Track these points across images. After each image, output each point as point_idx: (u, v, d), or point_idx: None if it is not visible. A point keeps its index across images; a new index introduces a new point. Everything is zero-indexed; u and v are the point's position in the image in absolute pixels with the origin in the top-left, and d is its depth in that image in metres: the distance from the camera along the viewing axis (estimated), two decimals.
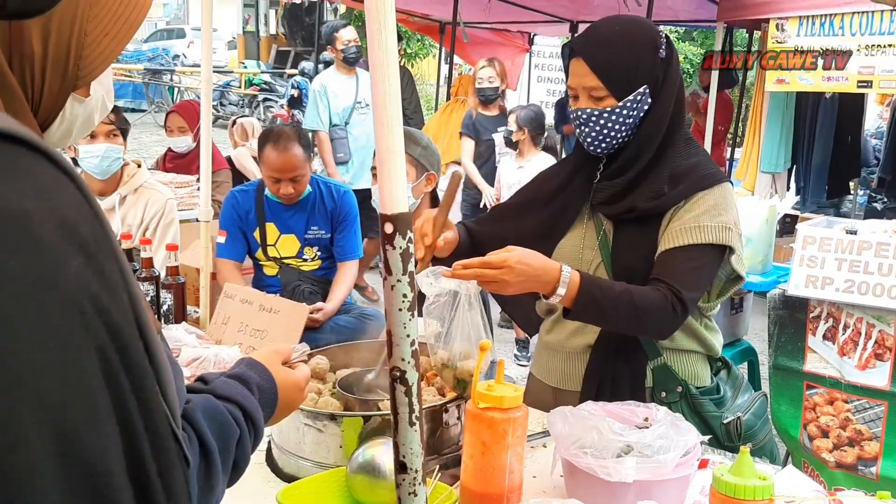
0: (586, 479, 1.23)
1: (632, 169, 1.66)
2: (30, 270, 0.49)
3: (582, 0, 6.48)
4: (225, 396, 0.99)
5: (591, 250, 1.72)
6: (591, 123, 1.64)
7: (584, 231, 1.74)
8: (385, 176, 0.96)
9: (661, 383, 1.69)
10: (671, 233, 1.61)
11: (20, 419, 0.47)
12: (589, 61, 1.62)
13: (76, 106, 0.81)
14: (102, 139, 3.07)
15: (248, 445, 0.99)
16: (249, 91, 15.85)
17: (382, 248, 0.97)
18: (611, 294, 1.53)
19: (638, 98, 1.62)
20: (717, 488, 1.08)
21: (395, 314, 0.98)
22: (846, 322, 3.00)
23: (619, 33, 1.64)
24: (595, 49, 1.63)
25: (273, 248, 3.08)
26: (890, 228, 3.05)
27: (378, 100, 0.95)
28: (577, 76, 1.65)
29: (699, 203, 1.62)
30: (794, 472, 1.40)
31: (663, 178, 1.65)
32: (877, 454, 2.97)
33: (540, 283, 1.49)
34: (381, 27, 0.93)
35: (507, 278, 1.44)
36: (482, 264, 1.44)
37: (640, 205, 1.64)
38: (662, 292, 1.55)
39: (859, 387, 2.97)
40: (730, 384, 1.76)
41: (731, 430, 1.68)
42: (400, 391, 1.00)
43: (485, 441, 1.18)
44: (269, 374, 1.09)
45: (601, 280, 1.60)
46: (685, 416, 1.64)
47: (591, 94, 1.63)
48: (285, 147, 2.90)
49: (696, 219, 1.60)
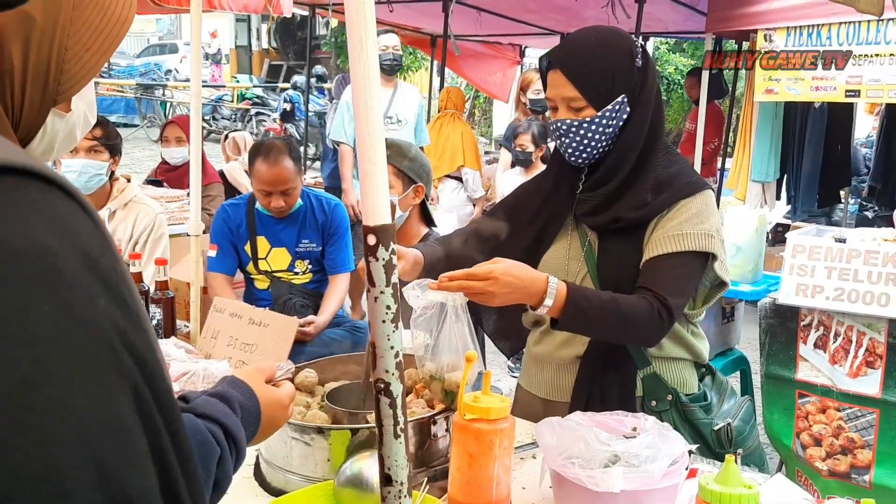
0: (574, 490, 1.23)
1: (614, 179, 1.67)
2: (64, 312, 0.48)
3: (572, 12, 6.52)
4: (205, 415, 0.98)
5: (576, 261, 1.72)
6: (572, 134, 1.65)
7: (569, 242, 1.75)
8: (368, 188, 0.96)
9: (651, 392, 1.70)
10: (655, 241, 1.63)
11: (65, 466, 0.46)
12: (566, 72, 1.63)
13: (57, 121, 0.81)
14: (83, 154, 3.07)
15: (230, 465, 0.98)
16: (242, 105, 15.89)
17: (366, 259, 0.97)
18: (597, 303, 1.54)
19: (616, 107, 1.63)
20: (703, 497, 1.08)
21: (378, 326, 0.98)
22: (837, 330, 3.01)
23: (594, 43, 1.65)
24: (572, 60, 1.64)
25: (264, 261, 3.08)
26: (879, 236, 3.06)
27: (359, 111, 0.95)
28: (555, 87, 1.66)
29: (682, 211, 1.63)
30: (783, 481, 1.40)
31: (646, 188, 1.66)
32: (869, 462, 2.97)
33: (527, 294, 1.50)
34: (363, 39, 0.93)
35: (492, 290, 1.44)
36: (468, 276, 1.45)
37: (624, 215, 1.65)
38: (648, 300, 1.55)
39: (851, 395, 2.97)
40: (715, 390, 1.77)
41: (721, 437, 1.69)
42: (384, 403, 1.00)
43: (472, 452, 1.17)
44: (252, 393, 1.08)
45: (588, 290, 1.60)
46: (676, 425, 1.65)
47: (569, 105, 1.64)
48: (276, 160, 2.90)
49: (678, 226, 1.61)
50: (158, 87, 17.07)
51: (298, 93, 12.68)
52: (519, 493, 1.45)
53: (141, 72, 18.67)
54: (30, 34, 0.74)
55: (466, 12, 6.48)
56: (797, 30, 5.27)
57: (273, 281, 3.08)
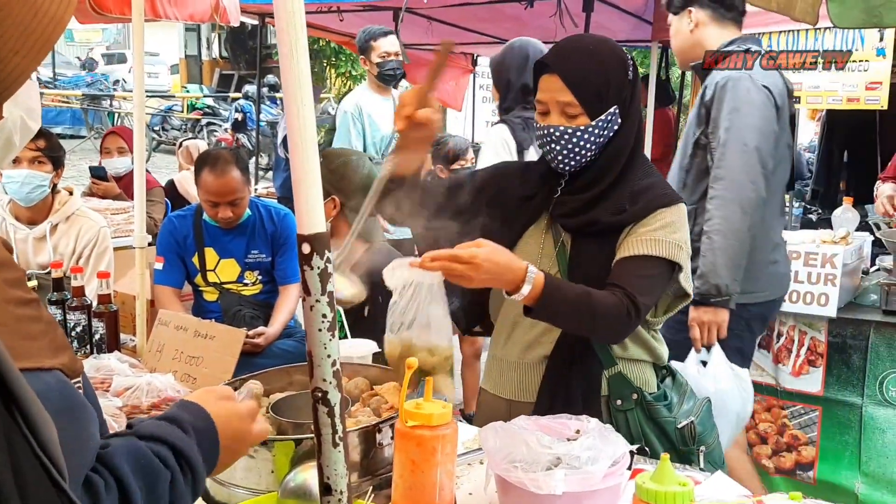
0: (518, 494, 1.24)
1: (596, 186, 1.70)
2: None
3: (522, 21, 6.59)
4: (149, 436, 0.94)
5: (548, 259, 1.74)
6: (563, 141, 1.65)
7: (542, 240, 1.76)
8: (301, 196, 0.96)
9: (616, 391, 1.71)
10: (629, 243, 1.66)
11: None
12: (564, 77, 1.63)
13: None
14: (26, 165, 3.00)
15: (184, 487, 0.94)
16: (192, 115, 15.67)
17: (301, 268, 0.97)
18: (571, 296, 1.57)
19: (609, 118, 1.65)
20: (639, 495, 1.10)
21: (315, 334, 0.97)
22: (780, 330, 3.08)
23: (592, 52, 1.66)
24: (570, 65, 1.64)
25: (213, 273, 3.04)
26: (818, 238, 3.16)
27: (292, 120, 0.95)
28: (551, 91, 1.66)
29: (657, 219, 1.67)
30: (722, 478, 1.43)
31: (625, 196, 1.69)
32: (813, 458, 3.05)
33: (504, 280, 1.51)
34: (293, 48, 0.93)
35: (472, 274, 1.46)
36: (451, 258, 1.45)
37: (602, 219, 1.68)
38: (619, 297, 1.58)
39: (794, 393, 3.05)
40: (675, 390, 1.80)
41: (685, 435, 1.72)
42: (322, 412, 0.99)
43: (414, 459, 1.17)
44: (203, 411, 1.03)
45: (563, 282, 1.63)
46: (641, 423, 1.68)
47: (564, 111, 1.65)
48: (223, 171, 2.87)
49: (652, 232, 1.65)
50: (106, 98, 16.75)
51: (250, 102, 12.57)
52: (465, 498, 1.45)
53: (87, 82, 18.30)
54: None
55: (417, 21, 6.50)
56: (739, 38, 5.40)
57: (222, 293, 3.04)
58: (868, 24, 3.13)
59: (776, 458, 3.13)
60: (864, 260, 3.28)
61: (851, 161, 7.11)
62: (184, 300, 3.11)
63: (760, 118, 2.44)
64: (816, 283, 2.93)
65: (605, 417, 1.71)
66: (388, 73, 4.31)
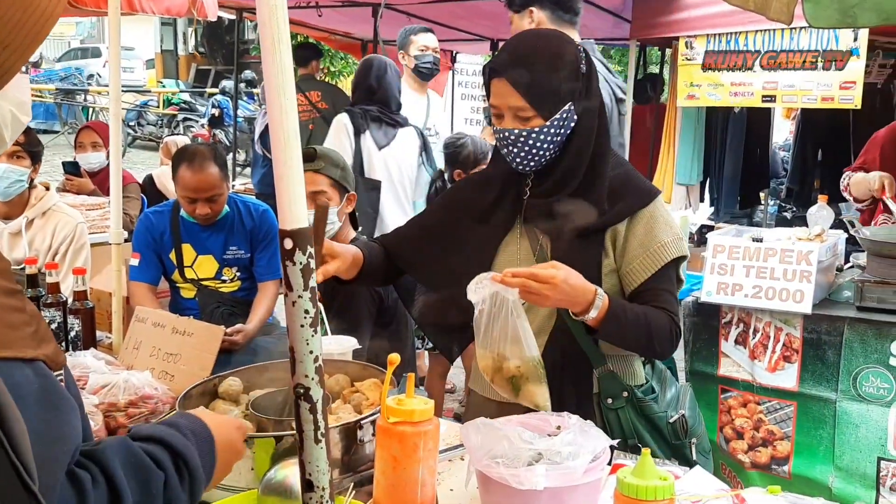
0: (499, 489, 1.24)
1: (567, 185, 1.68)
2: None
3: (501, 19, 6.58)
4: (145, 436, 0.94)
5: (527, 265, 1.70)
6: (520, 144, 1.64)
7: (518, 247, 1.74)
8: (284, 192, 0.95)
9: (607, 389, 1.72)
10: (640, 261, 1.67)
11: None
12: (512, 82, 1.61)
13: None
14: (4, 159, 2.96)
15: (180, 489, 0.94)
16: (168, 111, 15.51)
17: (283, 264, 0.96)
18: (632, 317, 1.62)
19: (564, 116, 1.63)
20: (621, 490, 1.10)
21: (297, 331, 0.97)
22: (756, 326, 3.12)
23: (540, 52, 1.63)
24: (518, 69, 1.62)
25: (190, 269, 3.01)
26: (793, 235, 3.19)
27: (274, 115, 0.94)
28: (501, 96, 1.64)
29: (646, 219, 1.68)
30: (701, 472, 1.45)
31: (603, 193, 1.68)
32: (788, 453, 3.08)
33: (575, 302, 1.56)
34: (276, 41, 0.92)
35: (548, 293, 1.50)
36: (531, 276, 1.48)
37: (581, 221, 1.66)
38: (667, 318, 1.66)
39: (770, 388, 3.09)
40: (656, 378, 1.80)
41: (677, 428, 1.73)
42: (304, 408, 0.99)
43: (396, 456, 1.17)
44: (198, 419, 1.05)
45: (625, 304, 1.64)
46: (633, 421, 1.70)
47: (516, 115, 1.63)
48: (200, 166, 2.84)
49: (653, 238, 1.67)
50: (80, 92, 16.53)
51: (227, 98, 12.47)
52: (447, 494, 1.45)
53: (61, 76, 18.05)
54: None
55: (396, 17, 6.48)
56: (716, 37, 5.46)
57: (200, 290, 3.01)
58: (843, 24, 3.18)
59: (752, 453, 3.16)
60: (839, 257, 3.32)
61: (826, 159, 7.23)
62: (160, 297, 3.08)
63: None
64: (792, 280, 2.96)
65: (598, 417, 1.72)
66: (424, 67, 4.33)
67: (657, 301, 1.67)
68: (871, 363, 2.86)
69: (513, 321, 1.50)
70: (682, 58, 5.70)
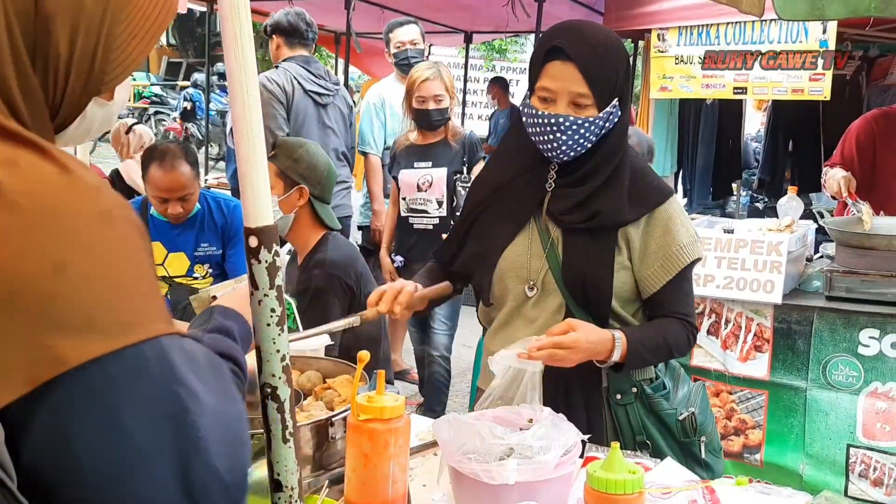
0: (471, 484, 1.24)
1: (596, 178, 1.65)
2: None
3: (475, 10, 6.59)
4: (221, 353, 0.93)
5: (538, 259, 1.69)
6: (570, 132, 1.59)
7: (530, 239, 1.70)
8: (248, 189, 0.94)
9: (616, 386, 1.70)
10: (660, 265, 1.66)
11: None
12: (582, 67, 1.57)
13: (97, 109, 0.79)
14: None
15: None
16: (139, 104, 15.31)
17: (248, 262, 0.95)
18: (652, 346, 1.64)
19: (612, 110, 1.61)
20: (590, 484, 1.11)
21: (263, 329, 0.96)
22: (727, 317, 3.15)
23: (605, 42, 1.61)
24: (588, 55, 1.58)
25: (161, 267, 2.98)
26: (764, 226, 3.23)
27: (237, 111, 0.92)
28: (563, 80, 1.58)
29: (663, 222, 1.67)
30: (672, 464, 1.46)
31: (624, 190, 1.66)
32: (760, 441, 3.12)
33: (598, 353, 1.58)
34: (238, 35, 0.91)
35: (573, 357, 1.52)
36: (555, 345, 1.49)
37: (605, 212, 1.65)
38: (684, 327, 1.68)
39: (742, 378, 3.12)
40: (669, 376, 1.78)
41: (686, 426, 1.71)
42: (272, 408, 0.98)
43: (366, 453, 1.17)
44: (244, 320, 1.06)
45: (642, 333, 1.65)
46: (642, 417, 1.69)
47: (574, 101, 1.59)
48: (172, 166, 2.80)
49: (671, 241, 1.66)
50: None
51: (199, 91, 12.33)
52: (419, 490, 1.45)
53: None
54: (78, 21, 0.72)
55: (369, 10, 6.44)
56: (687, 29, 5.49)
57: (172, 287, 2.98)
58: (811, 16, 3.21)
59: (725, 442, 3.20)
60: (809, 247, 3.36)
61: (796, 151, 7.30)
62: None
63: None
64: (763, 271, 2.99)
65: (607, 412, 1.71)
66: (402, 63, 4.21)
67: (675, 307, 1.68)
68: (840, 352, 2.90)
69: (525, 391, 1.51)
70: (655, 50, 5.72)
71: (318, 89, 3.98)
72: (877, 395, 2.85)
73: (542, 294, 1.68)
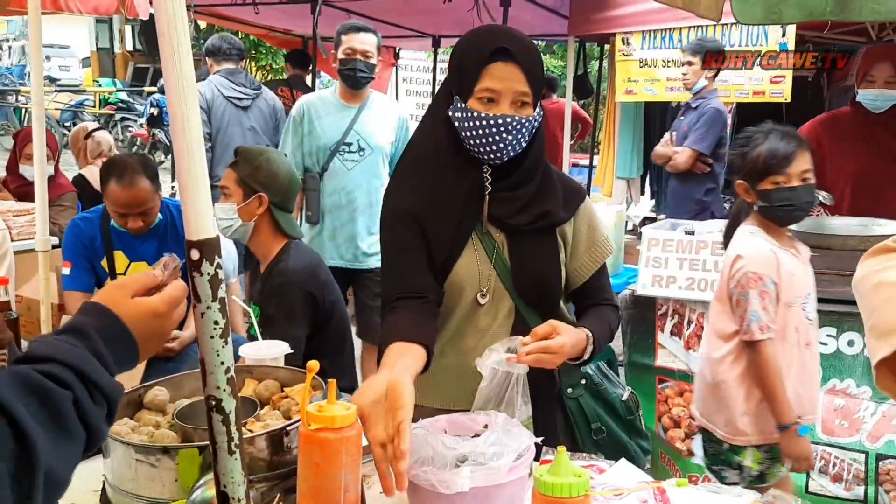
0: (427, 494, 1.25)
1: (533, 179, 1.67)
2: None
3: (441, 15, 6.58)
4: (42, 357, 0.86)
5: (486, 265, 1.68)
6: (515, 132, 1.59)
7: (475, 247, 1.69)
8: (188, 202, 0.94)
9: (567, 379, 1.79)
10: (589, 256, 1.76)
11: None
12: (524, 67, 1.59)
13: None
14: None
15: (91, 404, 0.86)
16: (105, 110, 15.11)
17: (189, 274, 0.95)
18: (605, 335, 1.71)
19: (539, 109, 1.65)
20: (538, 488, 1.12)
21: (207, 342, 0.96)
22: (690, 317, 3.19)
23: (533, 44, 1.66)
24: (528, 56, 1.61)
25: (123, 276, 2.94)
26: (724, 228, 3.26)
27: (176, 122, 0.93)
28: (509, 80, 1.58)
29: (587, 217, 1.77)
30: (625, 465, 1.47)
31: (558, 190, 1.71)
32: None
33: (574, 354, 1.61)
34: (176, 50, 0.91)
35: (558, 360, 1.55)
36: (543, 349, 1.50)
37: (551, 214, 1.68)
38: (614, 311, 1.80)
39: None
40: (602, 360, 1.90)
41: (630, 404, 1.85)
42: (217, 420, 0.98)
43: (318, 462, 1.16)
44: (111, 313, 0.96)
45: (596, 325, 1.69)
46: (593, 405, 1.80)
47: (516, 100, 1.60)
48: (131, 181, 2.75)
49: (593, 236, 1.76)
50: (11, 93, 15.99)
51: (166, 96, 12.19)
52: (376, 497, 1.45)
53: None
54: None
55: (336, 14, 6.42)
56: (651, 34, 5.55)
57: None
58: (768, 20, 3.26)
59: (689, 441, 3.24)
60: None
61: None
62: None
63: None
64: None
65: (559, 409, 1.78)
66: (346, 72, 3.64)
67: (604, 294, 1.79)
68: None
69: (511, 393, 1.53)
70: (620, 53, 5.79)
71: (237, 94, 4.78)
72: (835, 392, 2.90)
73: (492, 300, 1.69)
